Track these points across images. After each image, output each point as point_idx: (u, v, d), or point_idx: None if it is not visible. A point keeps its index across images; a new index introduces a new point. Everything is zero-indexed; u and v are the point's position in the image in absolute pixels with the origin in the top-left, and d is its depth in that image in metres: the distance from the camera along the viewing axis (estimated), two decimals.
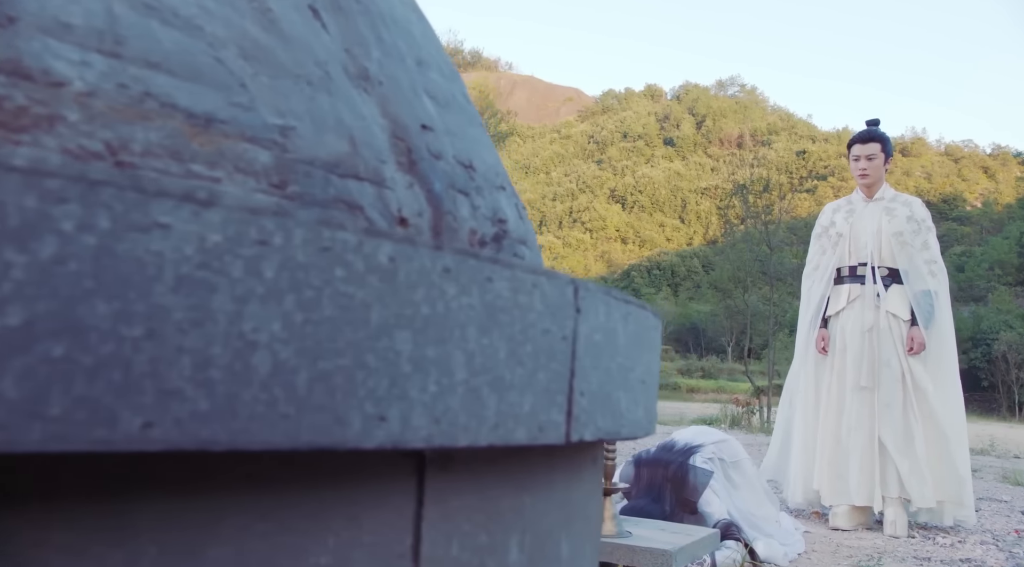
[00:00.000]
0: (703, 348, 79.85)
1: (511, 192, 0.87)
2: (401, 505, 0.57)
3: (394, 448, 0.49)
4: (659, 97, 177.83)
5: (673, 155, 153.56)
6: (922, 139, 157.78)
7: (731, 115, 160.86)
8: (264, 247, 0.43)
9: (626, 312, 0.74)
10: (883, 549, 3.74)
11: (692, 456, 3.44)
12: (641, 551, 2.28)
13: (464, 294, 0.54)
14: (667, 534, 2.49)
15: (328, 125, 0.63)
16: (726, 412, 16.01)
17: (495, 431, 0.56)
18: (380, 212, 0.65)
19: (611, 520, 2.41)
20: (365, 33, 0.73)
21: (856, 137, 4.46)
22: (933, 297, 4.22)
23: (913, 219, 4.31)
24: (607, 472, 2.46)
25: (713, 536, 2.58)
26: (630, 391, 0.75)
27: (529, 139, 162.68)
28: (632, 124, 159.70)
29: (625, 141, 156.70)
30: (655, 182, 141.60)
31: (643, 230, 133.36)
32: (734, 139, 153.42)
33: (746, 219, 29.64)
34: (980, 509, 5.23)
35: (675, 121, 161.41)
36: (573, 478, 0.79)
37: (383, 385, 0.48)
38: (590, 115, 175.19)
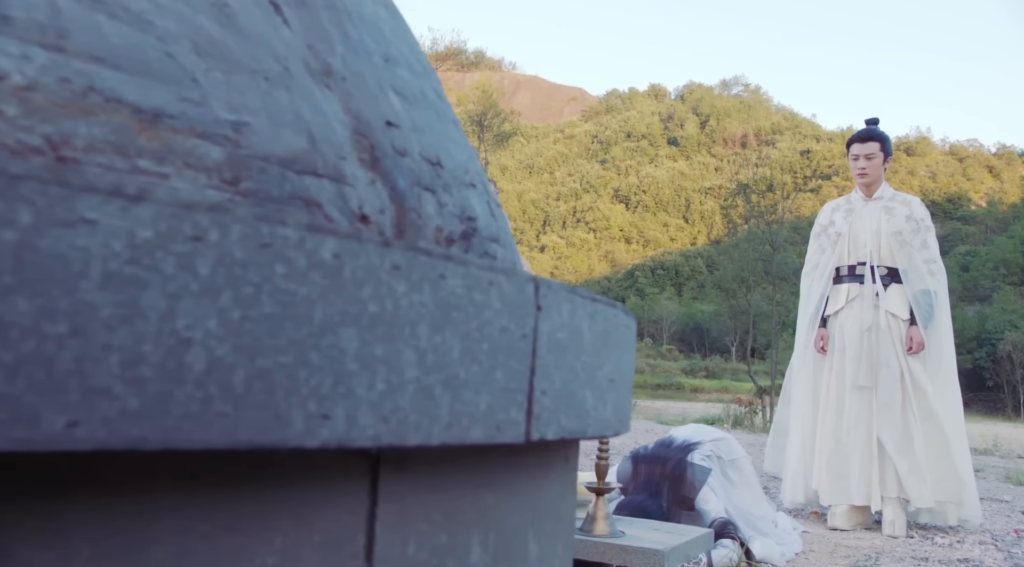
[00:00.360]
0: (707, 348, 79.82)
1: (483, 190, 0.87)
2: (354, 504, 0.56)
3: (339, 447, 0.48)
4: (663, 97, 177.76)
5: (677, 155, 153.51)
6: (927, 138, 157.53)
7: (735, 115, 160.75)
8: (198, 243, 0.42)
9: (593, 310, 0.73)
10: (881, 549, 3.72)
11: (690, 453, 3.44)
12: (634, 551, 2.27)
13: (415, 291, 0.53)
14: (660, 534, 2.49)
15: (285, 121, 0.62)
16: (729, 412, 16.00)
17: (449, 430, 0.56)
18: (339, 209, 0.64)
19: (604, 520, 2.40)
20: (329, 29, 0.72)
21: (855, 136, 4.45)
22: (932, 296, 4.21)
23: (912, 218, 4.30)
24: (600, 472, 2.45)
25: (707, 536, 2.57)
26: (597, 389, 0.74)
27: (533, 139, 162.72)
28: (636, 124, 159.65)
29: (629, 141, 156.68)
30: (659, 182, 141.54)
31: (647, 230, 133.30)
32: (738, 139, 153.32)
33: (750, 219, 29.61)
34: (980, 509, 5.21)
35: (679, 121, 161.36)
36: (541, 477, 0.78)
37: (327, 383, 0.48)
38: (594, 115, 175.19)
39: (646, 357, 67.84)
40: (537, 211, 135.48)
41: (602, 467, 2.45)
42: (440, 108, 0.87)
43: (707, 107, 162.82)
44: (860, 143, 4.38)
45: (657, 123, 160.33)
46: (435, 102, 0.86)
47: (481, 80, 79.03)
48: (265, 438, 0.45)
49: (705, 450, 3.49)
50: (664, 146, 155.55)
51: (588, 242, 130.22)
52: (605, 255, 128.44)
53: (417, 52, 0.92)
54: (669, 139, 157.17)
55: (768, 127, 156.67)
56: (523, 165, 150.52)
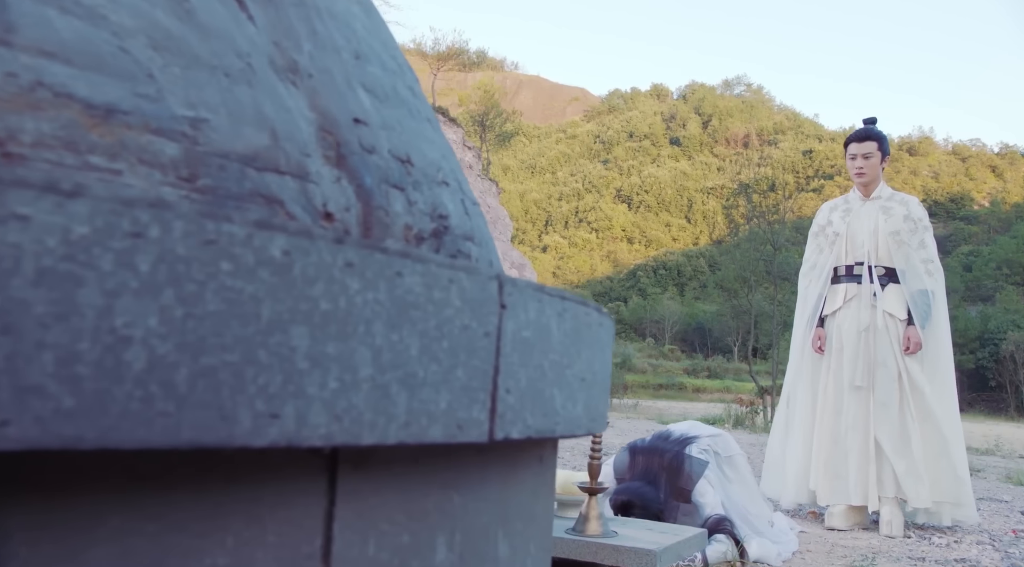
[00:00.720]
0: (709, 348, 79.80)
1: (456, 187, 0.86)
2: (310, 504, 0.56)
3: (290, 446, 0.48)
4: (665, 97, 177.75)
5: (679, 155, 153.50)
6: (929, 138, 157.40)
7: (737, 115, 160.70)
8: (138, 240, 0.42)
9: (561, 308, 0.73)
10: (878, 549, 3.72)
11: (688, 446, 3.44)
12: (626, 551, 2.27)
13: (370, 289, 0.53)
14: (654, 534, 2.48)
15: (247, 118, 0.62)
16: (730, 412, 15.99)
17: (407, 429, 0.55)
18: (303, 207, 0.64)
19: (597, 520, 2.40)
20: (297, 25, 0.72)
21: (852, 136, 4.44)
22: (930, 297, 4.19)
23: (910, 218, 4.28)
24: (593, 471, 2.44)
25: (700, 536, 2.56)
26: (567, 388, 0.74)
27: (535, 139, 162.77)
28: (638, 124, 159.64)
29: (631, 141, 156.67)
30: (661, 182, 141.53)
31: (649, 230, 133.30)
32: (740, 138, 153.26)
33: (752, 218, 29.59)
34: (979, 509, 5.19)
35: (681, 121, 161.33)
36: (511, 477, 0.78)
37: (276, 381, 0.47)
38: (596, 115, 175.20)
39: (648, 357, 67.80)
40: (539, 211, 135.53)
41: (595, 467, 2.44)
42: (414, 106, 0.87)
43: (709, 107, 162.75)
44: (857, 143, 4.37)
45: (659, 123, 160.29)
46: (408, 100, 0.86)
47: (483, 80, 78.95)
48: (210, 437, 0.44)
49: (703, 444, 3.48)
50: (666, 146, 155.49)
51: (590, 242, 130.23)
52: (607, 255, 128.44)
53: (392, 49, 0.92)
54: (671, 139, 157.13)
55: (770, 127, 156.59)
56: (525, 165, 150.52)
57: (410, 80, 0.91)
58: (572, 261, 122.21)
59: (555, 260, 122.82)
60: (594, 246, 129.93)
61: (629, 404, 26.19)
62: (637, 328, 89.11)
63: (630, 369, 48.03)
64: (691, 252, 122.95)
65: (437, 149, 0.86)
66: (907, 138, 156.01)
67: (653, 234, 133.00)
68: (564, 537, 2.31)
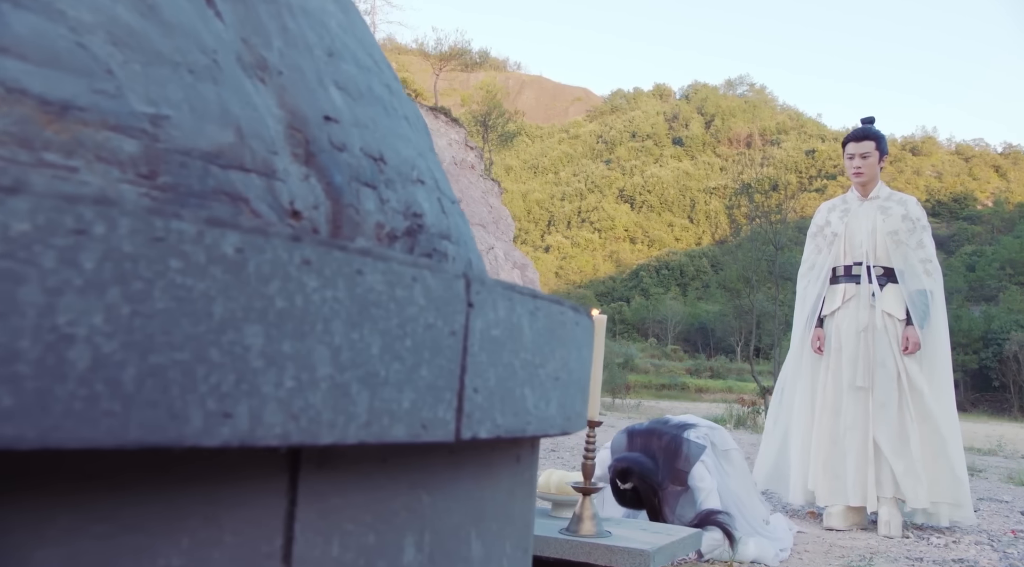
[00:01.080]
0: (712, 348, 79.80)
1: (433, 186, 0.86)
2: (271, 504, 0.55)
3: (243, 446, 0.47)
4: (668, 97, 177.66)
5: (682, 155, 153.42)
6: (932, 138, 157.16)
7: (740, 114, 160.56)
8: (82, 237, 0.41)
9: (534, 307, 0.72)
10: (876, 549, 3.71)
11: (686, 431, 3.44)
12: (619, 551, 2.26)
13: (328, 287, 0.52)
14: (648, 534, 2.47)
15: (211, 115, 0.61)
16: (732, 412, 15.98)
17: (368, 428, 0.55)
18: (269, 204, 0.63)
19: (591, 520, 2.39)
20: (267, 22, 0.71)
21: (850, 135, 4.42)
22: (928, 296, 4.18)
23: (908, 218, 4.27)
24: (587, 471, 2.44)
25: (695, 536, 2.56)
26: (539, 388, 0.73)
27: (538, 139, 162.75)
28: (641, 124, 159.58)
29: (634, 141, 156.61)
30: (664, 182, 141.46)
31: (652, 230, 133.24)
32: (743, 138, 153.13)
33: (755, 218, 29.56)
34: (979, 509, 5.18)
35: (684, 120, 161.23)
36: (485, 477, 0.77)
37: (229, 380, 0.47)
38: (599, 115, 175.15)
39: (651, 357, 67.79)
40: (542, 211, 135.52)
41: (588, 467, 2.44)
42: (390, 104, 0.86)
43: (712, 107, 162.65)
44: (855, 142, 4.36)
45: (662, 123, 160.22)
46: (384, 98, 0.85)
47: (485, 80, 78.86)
48: (159, 437, 0.44)
49: (701, 432, 3.48)
50: (669, 146, 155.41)
51: (593, 242, 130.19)
52: (610, 255, 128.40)
53: (370, 47, 0.91)
54: (674, 139, 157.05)
55: (773, 127, 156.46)
56: (528, 165, 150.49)
57: (388, 78, 0.91)
58: (575, 261, 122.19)
59: (558, 260, 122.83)
60: (597, 246, 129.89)
61: (631, 404, 26.19)
62: (640, 328, 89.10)
63: (632, 369, 47.97)
64: (694, 252, 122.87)
65: (413, 147, 0.85)
66: (910, 138, 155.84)
67: (656, 234, 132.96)
68: (558, 537, 2.31)
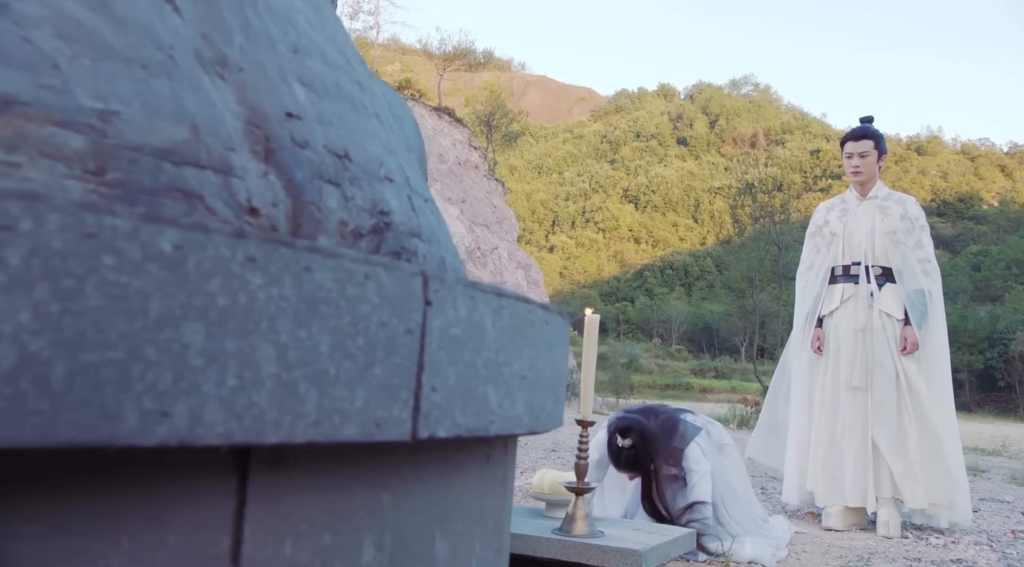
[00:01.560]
0: (716, 348, 79.74)
1: (403, 184, 0.85)
2: (218, 504, 0.54)
3: (181, 445, 0.47)
4: (672, 97, 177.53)
5: (686, 154, 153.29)
6: (938, 138, 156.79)
7: (745, 114, 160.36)
8: (7, 232, 0.41)
9: (498, 306, 0.72)
10: (874, 549, 3.69)
11: (683, 413, 3.45)
12: (612, 551, 2.26)
13: (273, 284, 0.52)
14: (641, 534, 2.47)
15: (164, 111, 0.61)
16: (735, 412, 15.94)
17: (317, 427, 0.54)
18: (225, 201, 0.63)
19: (583, 520, 2.39)
20: (229, 18, 0.71)
21: (848, 134, 4.40)
22: (926, 296, 4.16)
23: (907, 217, 4.25)
24: (580, 471, 2.43)
25: (688, 536, 2.55)
26: (504, 386, 0.72)
27: (542, 139, 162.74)
28: (645, 124, 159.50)
29: (638, 141, 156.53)
30: (668, 182, 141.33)
31: (656, 230, 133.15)
32: (748, 138, 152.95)
33: (759, 218, 29.51)
34: (980, 510, 5.17)
35: (688, 120, 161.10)
36: (452, 476, 0.76)
37: (166, 379, 0.46)
38: (603, 115, 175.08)
39: (655, 357, 67.75)
40: (546, 211, 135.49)
41: (581, 467, 2.43)
42: (360, 101, 0.85)
43: (717, 107, 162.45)
44: (854, 141, 4.34)
45: (666, 123, 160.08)
46: (353, 95, 0.84)
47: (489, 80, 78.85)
48: (90, 436, 0.43)
49: (699, 419, 3.48)
50: (673, 146, 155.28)
51: (597, 242, 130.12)
52: (614, 255, 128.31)
53: (342, 44, 0.91)
54: (678, 139, 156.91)
55: (778, 126, 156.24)
56: (532, 165, 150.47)
57: (359, 76, 0.90)
58: (579, 261, 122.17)
59: (562, 260, 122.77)
60: (601, 246, 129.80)
61: (636, 404, 26.15)
62: (644, 328, 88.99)
63: (637, 369, 47.92)
64: (698, 252, 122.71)
65: (382, 145, 0.85)
66: (915, 137, 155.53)
67: (660, 234, 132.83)
68: (551, 537, 2.30)
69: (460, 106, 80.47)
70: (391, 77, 71.76)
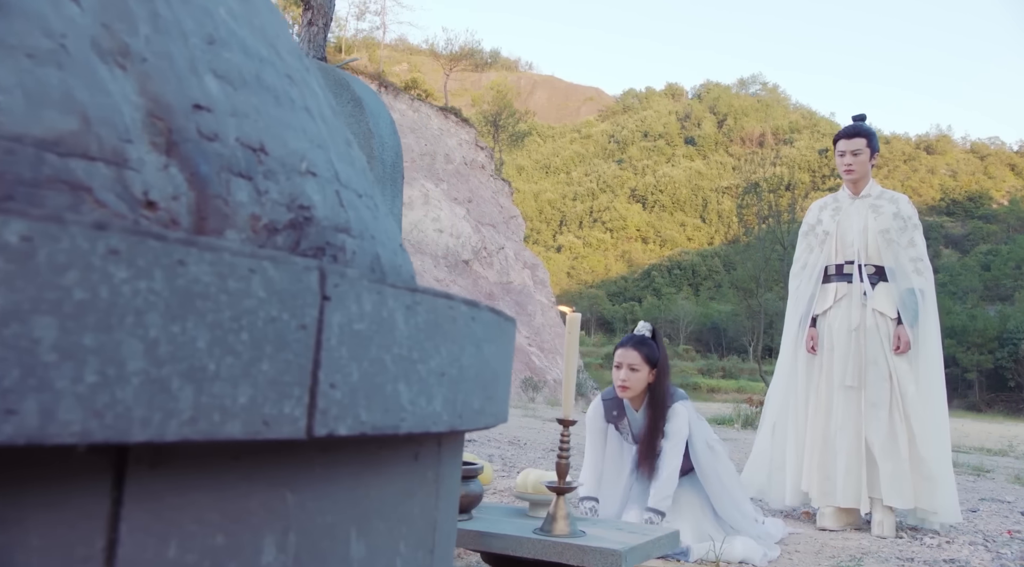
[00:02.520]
0: (724, 348, 79.62)
1: (330, 178, 0.83)
2: (88, 505, 0.53)
3: (30, 444, 0.45)
4: (680, 96, 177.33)
5: (694, 154, 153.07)
6: (947, 137, 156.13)
7: (753, 114, 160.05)
8: None
9: (411, 301, 0.70)
10: (867, 550, 3.66)
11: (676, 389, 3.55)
12: (591, 551, 2.24)
13: (141, 278, 0.50)
14: (623, 534, 2.45)
15: (50, 100, 0.59)
16: (739, 412, 15.87)
17: (193, 425, 0.53)
18: (117, 194, 0.61)
19: (564, 520, 2.37)
20: (134, 8, 0.69)
21: (841, 132, 4.38)
22: (918, 295, 4.13)
23: (899, 216, 4.22)
24: (561, 471, 2.41)
25: (671, 536, 2.53)
26: (419, 383, 0.71)
27: (550, 139, 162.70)
28: (653, 123, 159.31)
29: (646, 140, 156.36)
30: (676, 181, 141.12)
31: (664, 229, 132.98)
32: (756, 138, 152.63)
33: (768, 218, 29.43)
34: (979, 510, 5.14)
35: (696, 120, 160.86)
36: (372, 475, 0.75)
37: (13, 375, 0.45)
38: (611, 114, 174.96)
39: None
40: (554, 211, 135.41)
41: (562, 466, 2.41)
42: (285, 94, 0.84)
43: (724, 106, 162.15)
44: (846, 139, 4.31)
45: (674, 122, 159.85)
46: (277, 87, 0.83)
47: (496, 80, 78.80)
48: None
49: (689, 405, 3.52)
50: (681, 145, 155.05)
51: (605, 242, 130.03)
52: (622, 255, 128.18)
53: (272, 36, 0.89)
54: (686, 138, 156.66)
55: (786, 126, 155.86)
56: (540, 165, 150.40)
57: (290, 68, 0.88)
58: (587, 261, 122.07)
59: (569, 260, 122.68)
60: (608, 246, 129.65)
61: None
62: None
63: None
64: (706, 252, 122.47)
65: (308, 139, 0.83)
66: (924, 136, 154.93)
67: (668, 234, 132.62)
68: (531, 537, 2.29)
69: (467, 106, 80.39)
70: (398, 77, 71.81)
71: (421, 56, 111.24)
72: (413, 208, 44.64)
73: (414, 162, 46.17)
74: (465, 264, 44.86)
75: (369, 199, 0.95)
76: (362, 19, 44.94)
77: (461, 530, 2.40)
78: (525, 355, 42.42)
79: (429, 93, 57.17)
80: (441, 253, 44.40)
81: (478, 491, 2.52)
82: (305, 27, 6.98)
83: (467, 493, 2.50)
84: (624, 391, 3.49)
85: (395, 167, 1.96)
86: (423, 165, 46.90)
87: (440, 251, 44.43)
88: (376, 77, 49.18)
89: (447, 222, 45.24)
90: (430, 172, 47.11)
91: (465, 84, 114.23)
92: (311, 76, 0.96)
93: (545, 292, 49.52)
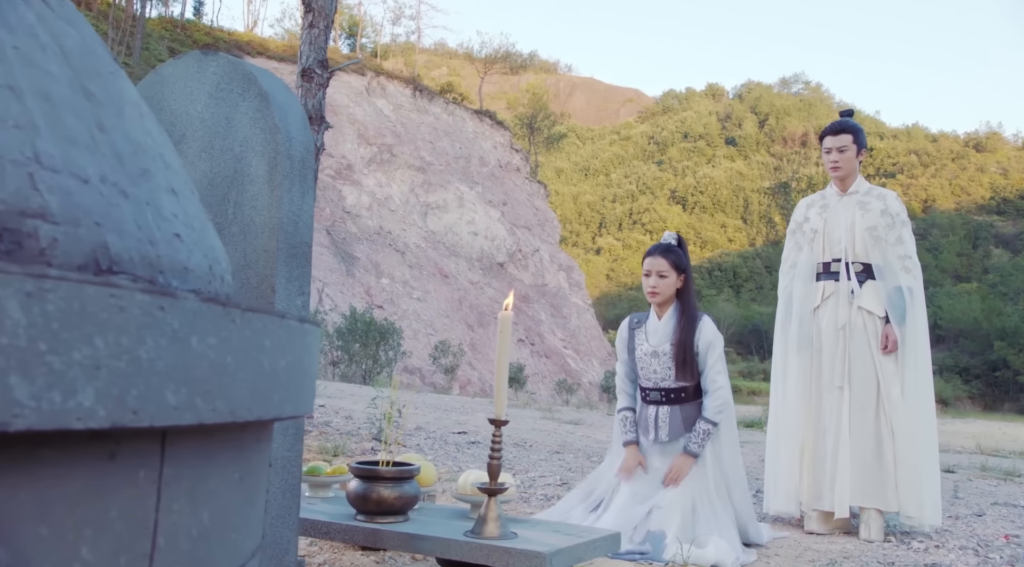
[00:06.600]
0: (766, 350, 78.76)
1: (27, 161, 0.79)
2: None
3: None
4: (720, 96, 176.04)
5: (735, 155, 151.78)
6: (997, 134, 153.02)
7: (795, 113, 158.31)
8: None
9: (38, 288, 0.66)
10: (850, 553, 3.57)
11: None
12: (516, 553, 2.21)
13: None
14: (557, 536, 2.40)
15: None
16: (767, 414, 15.66)
17: None
18: None
19: (495, 522, 2.33)
20: None
21: (827, 129, 4.28)
22: (906, 294, 4.02)
23: (887, 213, 4.11)
24: (492, 472, 2.37)
25: (610, 538, 2.47)
26: (48, 376, 0.66)
27: (588, 141, 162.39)
28: (693, 124, 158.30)
29: (686, 141, 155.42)
30: (716, 182, 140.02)
31: (704, 231, 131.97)
32: (798, 137, 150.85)
33: None
34: (985, 514, 5.00)
35: (737, 120, 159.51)
36: (96, 482, 0.71)
37: None
38: (650, 116, 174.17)
39: None
40: (593, 213, 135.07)
41: (494, 467, 2.37)
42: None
43: (766, 106, 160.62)
44: (832, 136, 4.21)
45: (714, 123, 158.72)
46: None
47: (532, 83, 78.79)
48: None
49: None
50: (722, 146, 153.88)
51: (645, 244, 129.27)
52: None
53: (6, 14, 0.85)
54: (727, 139, 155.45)
55: None
56: (579, 167, 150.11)
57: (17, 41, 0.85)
58: (626, 263, 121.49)
59: (609, 262, 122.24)
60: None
61: None
62: None
63: None
64: (747, 253, 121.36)
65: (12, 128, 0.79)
66: (974, 134, 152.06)
67: (708, 235, 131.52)
68: (458, 539, 2.26)
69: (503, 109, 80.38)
70: (435, 81, 72.13)
71: (458, 60, 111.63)
72: (448, 211, 44.80)
73: (448, 165, 46.33)
74: (500, 267, 44.83)
75: (112, 185, 0.91)
76: (398, 24, 45.05)
77: (391, 532, 2.37)
78: (560, 357, 42.23)
79: (465, 96, 57.22)
80: (476, 256, 44.42)
81: (413, 492, 2.49)
82: (306, 29, 7.01)
83: (401, 495, 2.46)
84: (654, 297, 3.71)
85: (304, 163, 1.94)
86: (458, 168, 47.01)
87: (475, 254, 44.46)
88: (411, 81, 49.39)
89: (482, 225, 45.30)
90: (465, 175, 47.22)
91: (503, 87, 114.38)
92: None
93: (581, 294, 49.27)
